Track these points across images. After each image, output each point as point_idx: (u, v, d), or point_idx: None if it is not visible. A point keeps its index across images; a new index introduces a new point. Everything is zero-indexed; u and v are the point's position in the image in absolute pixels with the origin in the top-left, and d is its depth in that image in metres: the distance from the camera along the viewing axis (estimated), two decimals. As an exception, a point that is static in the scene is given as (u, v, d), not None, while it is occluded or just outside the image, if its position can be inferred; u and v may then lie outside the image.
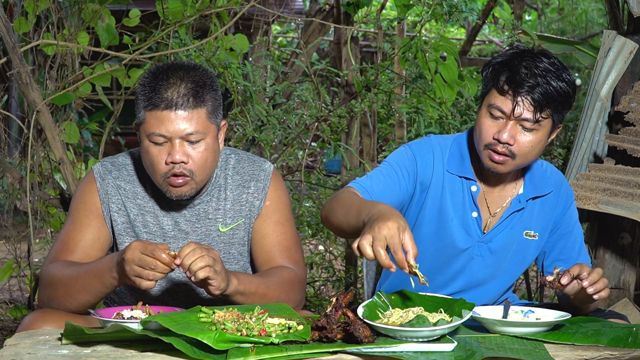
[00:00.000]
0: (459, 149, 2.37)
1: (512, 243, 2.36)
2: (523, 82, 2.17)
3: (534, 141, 2.22)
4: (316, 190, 4.89)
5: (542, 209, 2.38)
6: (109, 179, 2.27)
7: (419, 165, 2.34)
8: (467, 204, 2.34)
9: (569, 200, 2.42)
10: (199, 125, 2.12)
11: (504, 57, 2.25)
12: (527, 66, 2.19)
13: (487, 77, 2.26)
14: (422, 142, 2.39)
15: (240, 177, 2.32)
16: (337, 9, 4.74)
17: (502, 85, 2.21)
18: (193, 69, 2.16)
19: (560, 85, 2.18)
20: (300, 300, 2.27)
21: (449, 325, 1.82)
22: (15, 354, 1.72)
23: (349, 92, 4.39)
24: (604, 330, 1.96)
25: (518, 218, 2.35)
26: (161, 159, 2.12)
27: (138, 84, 2.17)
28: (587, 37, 8.74)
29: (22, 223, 5.06)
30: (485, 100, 2.25)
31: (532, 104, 2.18)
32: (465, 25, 10.74)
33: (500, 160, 2.23)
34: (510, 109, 2.19)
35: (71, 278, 2.08)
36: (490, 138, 2.22)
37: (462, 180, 2.34)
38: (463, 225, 2.34)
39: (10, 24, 3.29)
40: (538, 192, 2.36)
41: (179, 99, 2.09)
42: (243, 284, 2.08)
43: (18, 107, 5.13)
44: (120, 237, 2.27)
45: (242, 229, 2.31)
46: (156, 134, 2.11)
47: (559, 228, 2.40)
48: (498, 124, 2.22)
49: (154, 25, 3.93)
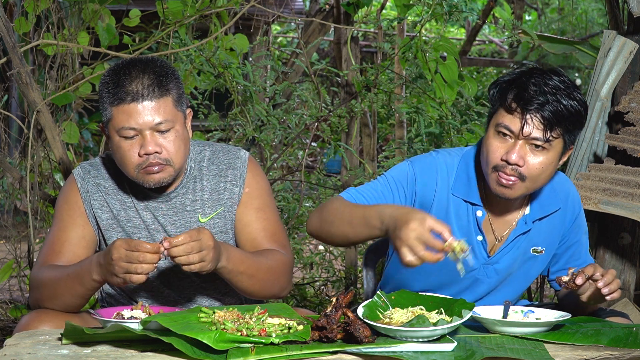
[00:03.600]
0: (466, 169, 2.26)
1: (519, 261, 2.31)
2: (532, 100, 2.07)
3: (544, 162, 2.11)
4: (316, 190, 4.89)
5: (550, 224, 2.30)
6: (89, 178, 2.30)
7: (419, 185, 2.25)
8: (472, 228, 2.26)
9: (576, 210, 2.34)
10: (167, 114, 2.15)
11: (512, 76, 2.16)
12: (536, 83, 2.09)
13: (495, 97, 2.16)
14: (427, 161, 2.28)
15: (217, 167, 2.34)
16: (337, 9, 4.74)
17: (509, 103, 2.11)
18: (152, 61, 2.20)
19: (571, 103, 2.08)
20: (287, 285, 2.30)
21: (449, 325, 1.82)
22: (15, 354, 1.72)
23: (349, 92, 4.39)
24: (604, 330, 1.96)
25: (524, 238, 2.28)
26: (133, 152, 2.15)
27: (100, 83, 2.20)
28: (587, 37, 8.74)
29: (22, 223, 5.06)
30: (493, 120, 2.16)
31: (542, 122, 2.07)
32: (465, 25, 10.74)
33: (508, 184, 2.12)
34: (518, 128, 2.08)
35: (54, 281, 2.12)
36: (498, 159, 2.11)
37: (468, 205, 2.25)
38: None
39: (10, 24, 3.29)
40: (545, 212, 2.27)
41: (145, 90, 2.13)
42: (232, 262, 2.12)
43: (18, 107, 5.13)
44: (107, 232, 2.29)
45: (222, 217, 2.33)
46: (126, 128, 2.13)
47: (567, 239, 2.34)
48: (506, 144, 2.11)
49: (154, 25, 3.93)
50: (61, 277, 2.11)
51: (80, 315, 2.14)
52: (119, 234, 2.29)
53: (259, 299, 2.32)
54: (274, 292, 2.27)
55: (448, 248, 1.86)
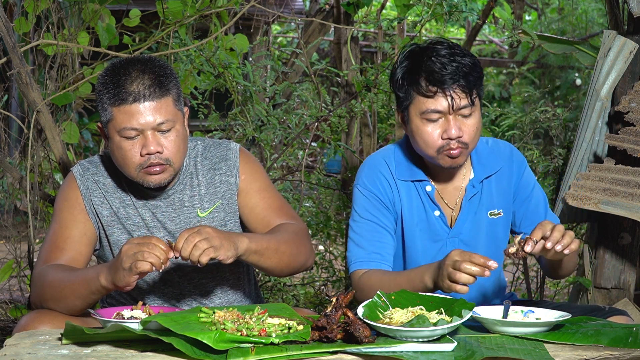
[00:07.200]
0: (402, 154, 2.39)
1: (481, 227, 2.38)
2: (444, 76, 2.19)
3: (476, 123, 2.25)
4: (316, 190, 4.89)
5: (499, 185, 2.40)
6: (88, 175, 2.31)
7: (382, 195, 2.36)
8: (427, 205, 2.36)
9: (522, 166, 2.43)
10: (168, 113, 2.16)
11: (406, 65, 2.26)
12: (435, 60, 2.20)
13: (403, 90, 2.26)
14: (367, 172, 2.38)
15: (209, 161, 2.35)
16: (337, 9, 4.74)
17: (426, 88, 2.21)
18: (150, 60, 2.20)
19: (468, 60, 2.23)
20: (310, 251, 2.32)
21: (449, 325, 1.82)
22: (15, 354, 1.72)
23: (349, 92, 4.39)
24: (604, 330, 1.96)
25: (478, 202, 2.37)
26: (135, 152, 2.16)
27: (98, 84, 2.20)
28: (587, 37, 8.73)
29: (22, 223, 5.05)
30: (413, 110, 2.25)
31: (462, 91, 2.21)
32: (465, 25, 10.74)
33: (457, 154, 2.24)
34: (447, 106, 2.21)
35: (61, 282, 2.11)
36: (439, 141, 2.24)
37: (415, 184, 2.37)
38: (429, 226, 2.36)
39: (10, 24, 3.28)
40: (489, 172, 2.38)
41: (146, 91, 2.13)
42: (255, 241, 2.13)
43: (18, 107, 5.13)
44: (109, 228, 2.30)
45: (222, 210, 2.35)
46: (127, 128, 2.14)
47: (518, 195, 2.42)
48: (439, 124, 2.23)
49: (154, 25, 3.93)
50: (68, 278, 2.10)
51: (81, 316, 2.14)
52: (119, 230, 2.29)
53: (290, 275, 2.34)
54: (301, 262, 2.29)
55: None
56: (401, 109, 2.31)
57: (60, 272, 2.14)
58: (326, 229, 4.49)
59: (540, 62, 10.83)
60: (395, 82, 2.29)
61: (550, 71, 10.86)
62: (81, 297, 2.08)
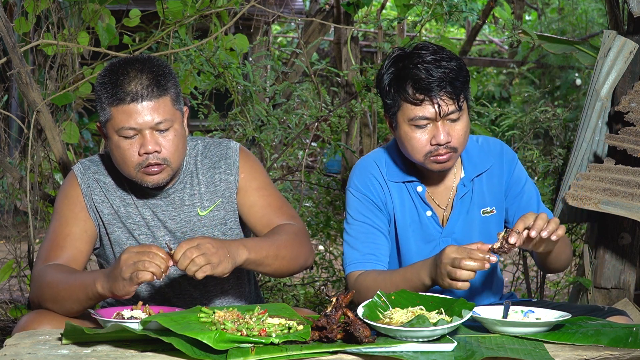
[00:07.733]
0: (392, 156, 2.40)
1: (474, 225, 2.38)
2: (430, 83, 2.19)
3: (464, 127, 2.26)
4: (316, 190, 4.89)
5: (490, 183, 2.40)
6: (89, 173, 2.31)
7: (374, 197, 2.36)
8: (419, 205, 2.37)
9: (512, 163, 2.43)
10: (166, 113, 2.16)
11: (392, 72, 2.26)
12: (421, 67, 2.20)
13: (390, 96, 2.26)
14: (358, 174, 2.39)
15: (209, 159, 2.36)
16: (337, 9, 4.74)
17: (413, 96, 2.22)
18: (148, 60, 2.21)
19: (454, 64, 2.22)
20: (310, 251, 2.32)
21: (449, 325, 1.82)
22: (15, 354, 1.72)
23: (349, 92, 4.39)
24: (604, 330, 1.96)
25: (469, 200, 2.38)
26: (133, 151, 2.16)
27: (97, 83, 2.20)
28: (587, 37, 8.73)
29: (22, 223, 5.05)
30: (401, 117, 2.26)
31: (449, 97, 2.21)
32: (465, 25, 10.75)
33: (446, 159, 2.25)
34: (434, 112, 2.21)
35: (59, 284, 2.10)
36: (427, 147, 2.24)
37: (407, 185, 2.38)
38: (422, 227, 2.37)
39: (10, 24, 3.28)
40: (479, 170, 2.39)
41: (144, 90, 2.14)
42: (254, 251, 2.12)
43: (18, 107, 5.13)
44: (109, 227, 2.30)
45: (222, 208, 2.35)
46: (126, 128, 2.14)
47: (510, 192, 2.42)
48: (427, 130, 2.24)
49: (154, 25, 3.93)
50: (67, 281, 2.09)
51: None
52: (119, 229, 2.30)
53: (290, 275, 2.34)
54: (300, 264, 2.29)
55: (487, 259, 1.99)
56: (389, 115, 2.31)
57: (58, 273, 2.13)
58: (326, 229, 4.50)
59: (540, 62, 10.83)
60: (382, 89, 2.29)
61: (550, 71, 10.87)
62: (78, 301, 2.07)
